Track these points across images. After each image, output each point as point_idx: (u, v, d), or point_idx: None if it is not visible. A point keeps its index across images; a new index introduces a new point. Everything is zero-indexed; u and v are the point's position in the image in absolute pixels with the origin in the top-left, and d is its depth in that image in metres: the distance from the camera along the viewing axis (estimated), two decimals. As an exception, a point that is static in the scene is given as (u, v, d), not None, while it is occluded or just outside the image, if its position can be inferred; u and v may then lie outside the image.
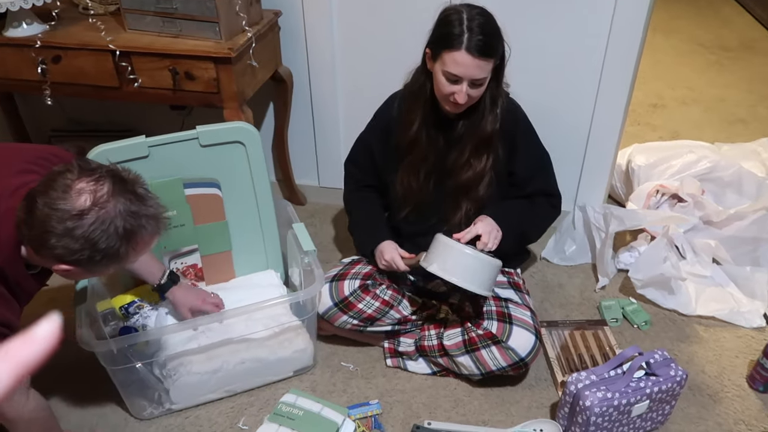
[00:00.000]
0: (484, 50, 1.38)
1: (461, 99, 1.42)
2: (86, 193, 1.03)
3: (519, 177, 1.64)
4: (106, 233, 1.04)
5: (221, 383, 1.62)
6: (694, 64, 3.56)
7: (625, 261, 2.00)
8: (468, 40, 1.37)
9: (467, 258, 1.48)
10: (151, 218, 1.11)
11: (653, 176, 2.18)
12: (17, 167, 1.16)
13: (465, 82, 1.41)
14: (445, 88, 1.43)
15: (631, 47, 1.82)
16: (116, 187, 1.06)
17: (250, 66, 1.79)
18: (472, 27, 1.38)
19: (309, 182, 2.36)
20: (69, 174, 1.05)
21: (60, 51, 1.74)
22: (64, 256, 1.05)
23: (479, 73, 1.40)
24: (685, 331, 1.82)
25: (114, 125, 2.38)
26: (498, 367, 1.55)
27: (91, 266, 1.09)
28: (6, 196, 1.10)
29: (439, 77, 1.43)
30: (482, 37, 1.37)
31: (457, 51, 1.37)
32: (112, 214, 1.04)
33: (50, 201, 1.02)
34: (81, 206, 1.02)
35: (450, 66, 1.39)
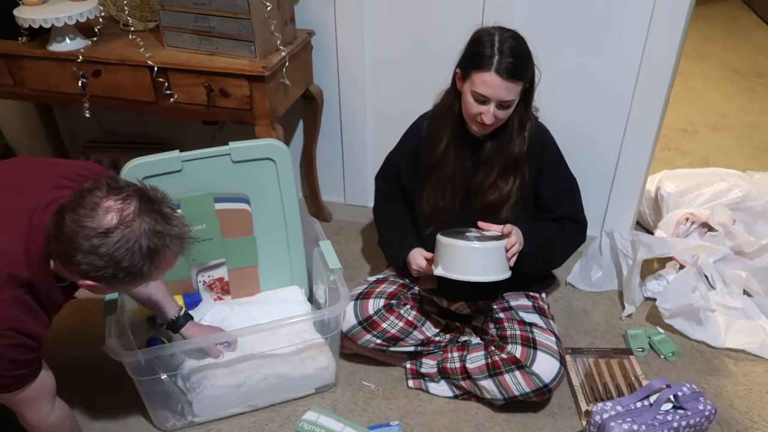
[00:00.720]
0: (514, 72, 1.39)
1: (488, 120, 1.43)
2: (113, 211, 1.05)
3: (546, 201, 1.64)
4: (130, 251, 1.05)
5: (244, 398, 1.63)
6: (726, 90, 3.52)
7: (653, 289, 1.97)
8: (498, 62, 1.38)
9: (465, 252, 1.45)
10: (176, 238, 1.12)
11: (683, 204, 2.15)
12: (53, 182, 1.19)
13: (492, 104, 1.42)
14: (473, 108, 1.44)
15: (663, 71, 1.81)
16: (143, 206, 1.07)
17: (283, 84, 1.82)
18: (503, 49, 1.39)
19: (335, 199, 2.38)
20: (98, 192, 1.06)
21: (100, 66, 1.79)
22: (88, 273, 1.07)
23: (507, 95, 1.41)
24: (713, 363, 1.78)
25: (148, 138, 2.44)
26: (521, 393, 1.54)
27: (115, 283, 1.10)
28: (39, 210, 1.13)
29: (467, 97, 1.45)
30: (512, 59, 1.39)
31: (487, 72, 1.39)
32: (137, 233, 1.06)
33: (78, 218, 1.04)
34: (107, 224, 1.04)
35: (479, 86, 1.41)
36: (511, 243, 1.47)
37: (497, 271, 1.46)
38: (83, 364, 1.77)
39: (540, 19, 1.81)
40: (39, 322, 1.16)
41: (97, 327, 1.66)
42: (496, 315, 1.69)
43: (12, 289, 1.10)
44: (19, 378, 1.18)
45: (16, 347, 1.12)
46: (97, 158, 2.39)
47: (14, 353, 1.12)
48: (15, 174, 1.22)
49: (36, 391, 1.23)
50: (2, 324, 1.09)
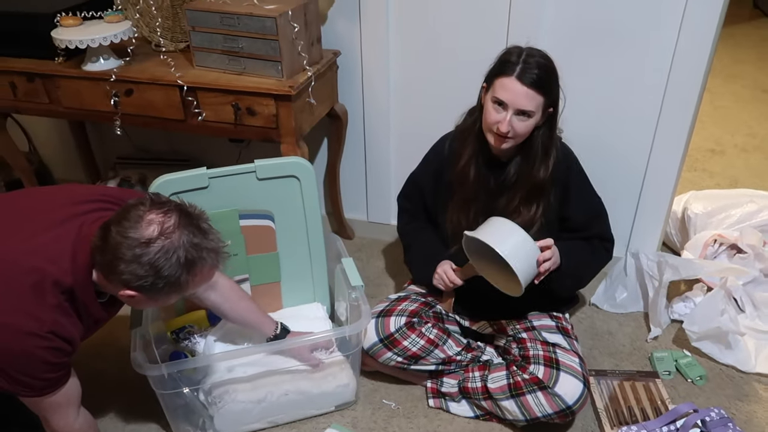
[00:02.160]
0: (535, 82, 1.39)
1: (504, 127, 1.42)
2: (155, 224, 1.13)
3: (573, 223, 1.63)
4: (169, 261, 1.12)
5: (264, 414, 1.63)
6: (756, 111, 3.47)
7: (680, 311, 1.94)
8: (521, 70, 1.39)
9: (508, 227, 1.44)
10: (212, 251, 1.19)
11: (711, 225, 2.11)
12: (99, 203, 1.28)
13: (510, 111, 1.42)
14: (492, 116, 1.45)
15: (691, 91, 1.80)
16: (182, 221, 1.15)
17: (309, 103, 1.85)
18: (528, 61, 1.41)
19: (358, 216, 2.40)
20: (141, 206, 1.15)
21: (132, 85, 1.85)
22: (130, 282, 1.14)
23: (526, 104, 1.41)
24: (743, 389, 1.73)
25: (176, 155, 2.49)
26: (544, 414, 1.52)
27: (154, 293, 1.17)
28: (87, 224, 1.21)
29: (488, 106, 1.46)
30: (536, 70, 1.40)
31: (508, 77, 1.40)
32: (176, 245, 1.13)
33: (122, 230, 1.12)
34: (149, 235, 1.12)
35: (498, 91, 1.42)
36: (545, 257, 1.45)
37: (523, 266, 1.41)
38: (108, 376, 1.80)
39: (565, 37, 1.81)
40: (75, 327, 1.23)
41: (122, 339, 1.69)
42: (519, 335, 1.67)
43: (56, 295, 1.17)
44: (52, 381, 1.23)
45: (54, 350, 1.18)
46: (125, 174, 2.45)
47: (51, 356, 1.18)
48: (65, 192, 1.32)
49: (65, 396, 1.28)
50: (44, 326, 1.15)
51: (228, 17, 1.74)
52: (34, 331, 1.14)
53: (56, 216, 1.23)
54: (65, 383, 1.27)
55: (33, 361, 1.17)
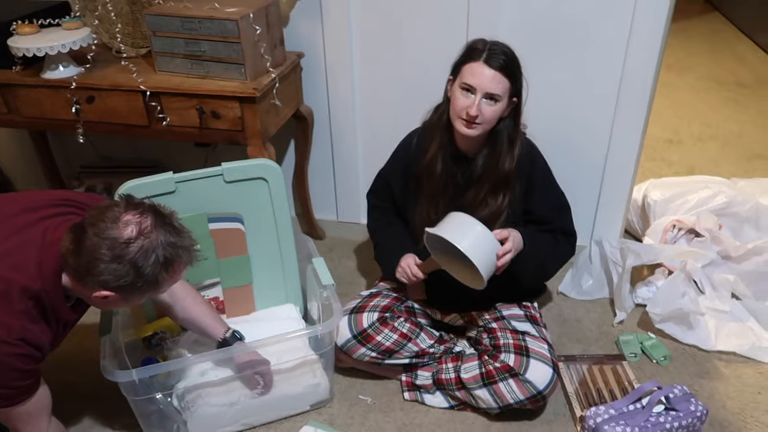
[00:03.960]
0: (502, 66, 1.44)
1: (473, 111, 1.44)
2: (132, 224, 1.15)
3: (536, 216, 1.66)
4: (149, 261, 1.15)
5: (238, 416, 1.63)
6: (710, 101, 3.59)
7: (643, 295, 2.00)
8: (488, 55, 1.44)
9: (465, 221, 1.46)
10: (186, 249, 1.22)
11: (669, 211, 2.19)
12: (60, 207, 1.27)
13: (479, 94, 1.45)
14: (460, 102, 1.47)
15: (644, 83, 1.86)
16: (158, 221, 1.17)
17: (274, 105, 1.86)
18: (494, 48, 1.45)
19: (328, 217, 2.41)
20: (116, 208, 1.16)
21: (94, 92, 1.83)
22: (109, 282, 1.15)
23: (494, 87, 1.44)
24: (705, 366, 1.80)
25: (141, 161, 2.47)
26: (516, 401, 1.55)
27: (131, 292, 1.18)
28: (51, 228, 1.21)
29: (456, 94, 1.48)
30: (503, 56, 1.44)
31: (476, 62, 1.44)
32: (155, 244, 1.15)
33: (99, 231, 1.13)
34: (128, 235, 1.13)
35: (466, 77, 1.45)
36: (504, 250, 1.48)
37: (483, 260, 1.43)
38: (79, 388, 1.78)
39: (523, 34, 1.86)
40: (44, 333, 1.22)
41: (92, 351, 1.67)
42: (489, 325, 1.71)
43: (23, 302, 1.17)
44: (23, 389, 1.23)
45: (24, 357, 1.18)
46: (90, 183, 2.42)
47: (21, 362, 1.18)
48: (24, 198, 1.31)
49: (36, 405, 1.27)
50: (12, 333, 1.15)
51: (189, 21, 1.74)
52: (3, 339, 1.14)
53: (17, 223, 1.22)
54: (36, 391, 1.26)
55: (3, 369, 1.16)
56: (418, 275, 1.63)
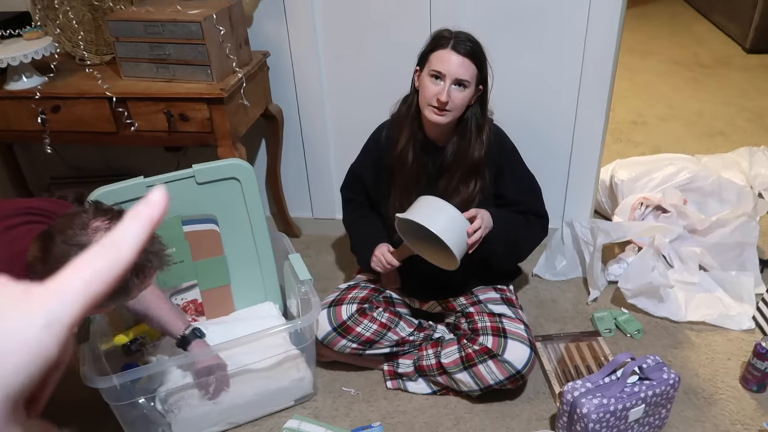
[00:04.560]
0: (469, 52, 1.46)
1: (443, 97, 1.46)
2: (102, 230, 1.14)
3: (508, 200, 1.69)
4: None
5: (223, 416, 1.64)
6: (672, 82, 3.68)
7: (615, 273, 2.05)
8: (455, 42, 1.47)
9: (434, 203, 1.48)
10: (156, 254, 1.22)
11: (636, 189, 2.25)
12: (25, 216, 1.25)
13: (448, 81, 1.47)
14: (429, 89, 1.48)
15: (605, 65, 1.91)
16: None
17: (242, 105, 1.87)
18: (460, 36, 1.48)
19: (303, 214, 2.42)
20: (84, 214, 1.15)
21: (59, 101, 1.82)
22: None
23: (463, 72, 1.46)
24: (677, 337, 1.86)
25: (112, 170, 2.45)
26: (496, 381, 1.59)
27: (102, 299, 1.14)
28: (17, 239, 1.19)
29: (425, 82, 1.50)
30: (469, 43, 1.47)
31: (443, 49, 1.47)
32: None
33: (68, 238, 1.12)
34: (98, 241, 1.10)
35: (435, 64, 1.47)
36: (474, 227, 1.49)
37: (455, 240, 1.45)
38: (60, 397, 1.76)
39: (485, 22, 1.90)
40: None
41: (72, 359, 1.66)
42: (467, 310, 1.74)
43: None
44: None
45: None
46: (61, 194, 2.39)
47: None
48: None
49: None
50: None
51: (152, 25, 1.74)
52: None
53: None
54: None
55: None
56: (392, 263, 1.65)
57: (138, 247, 0.33)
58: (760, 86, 3.56)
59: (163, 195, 0.34)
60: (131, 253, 0.33)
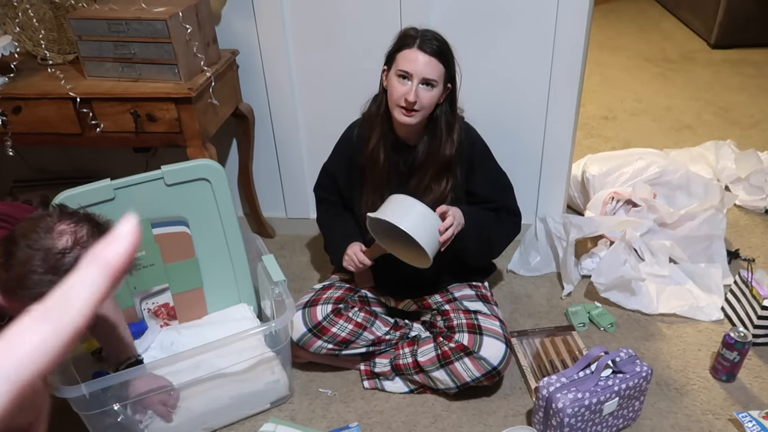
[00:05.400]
0: (436, 51, 1.45)
1: (411, 97, 1.45)
2: (67, 234, 1.11)
3: (480, 197, 1.69)
4: None
5: (198, 421, 1.61)
6: (640, 77, 3.74)
7: (588, 267, 2.07)
8: (421, 41, 1.45)
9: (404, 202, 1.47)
10: None
11: (607, 184, 2.27)
12: None
13: (415, 80, 1.45)
14: (397, 90, 1.47)
15: (574, 63, 1.92)
16: (94, 230, 1.14)
17: (211, 104, 1.83)
18: (427, 34, 1.47)
19: (277, 214, 2.40)
20: (49, 218, 1.12)
21: (20, 101, 1.76)
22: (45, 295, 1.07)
23: (430, 71, 1.45)
24: (649, 329, 1.89)
25: (78, 172, 2.39)
26: (472, 378, 1.59)
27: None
28: None
29: (393, 82, 1.48)
30: (435, 42, 1.46)
31: (410, 49, 1.45)
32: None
33: (32, 242, 1.08)
34: (63, 245, 1.09)
35: (402, 63, 1.46)
36: (446, 225, 1.47)
37: (426, 238, 1.44)
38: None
39: (454, 20, 1.89)
40: None
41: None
42: (442, 307, 1.74)
43: None
44: None
45: None
46: (25, 198, 2.33)
47: None
48: None
49: None
50: None
51: (116, 23, 1.70)
52: None
53: None
54: None
55: None
56: (364, 262, 1.64)
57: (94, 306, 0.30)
58: (724, 81, 3.63)
59: (130, 230, 0.31)
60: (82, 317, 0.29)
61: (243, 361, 1.60)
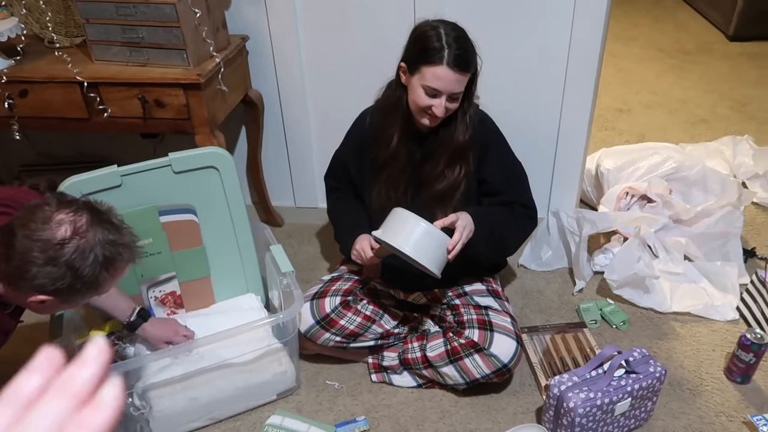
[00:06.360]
0: (464, 65, 1.40)
1: (439, 112, 1.43)
2: (66, 223, 1.08)
3: (492, 186, 1.65)
4: (86, 261, 1.08)
5: (202, 411, 1.60)
6: (655, 69, 3.67)
7: (600, 263, 2.04)
8: (449, 55, 1.39)
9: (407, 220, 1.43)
10: (127, 247, 1.16)
11: (622, 179, 2.23)
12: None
13: (444, 96, 1.43)
14: (423, 101, 1.44)
15: (591, 54, 1.87)
16: (94, 218, 1.11)
17: (220, 91, 1.80)
18: (450, 42, 1.40)
19: (285, 203, 2.37)
20: (47, 207, 1.09)
21: (27, 85, 1.74)
22: (45, 286, 1.08)
23: (458, 87, 1.42)
24: (662, 328, 1.85)
25: (85, 157, 2.37)
26: (482, 375, 1.56)
27: (70, 295, 1.11)
28: None
29: (417, 91, 1.44)
30: (461, 51, 1.40)
31: (438, 66, 1.39)
32: (92, 243, 1.09)
33: (30, 233, 1.06)
34: (62, 236, 1.07)
35: (430, 80, 1.41)
36: (453, 243, 1.44)
37: (432, 258, 1.42)
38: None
39: (470, 9, 1.85)
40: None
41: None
42: (452, 302, 1.71)
43: None
44: None
45: None
46: (32, 183, 2.31)
47: None
48: None
49: None
50: None
51: (124, 6, 1.66)
52: None
53: None
54: None
55: None
56: (373, 260, 1.61)
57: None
58: (742, 74, 3.56)
59: (99, 352, 0.30)
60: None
61: (250, 352, 1.59)
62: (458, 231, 1.45)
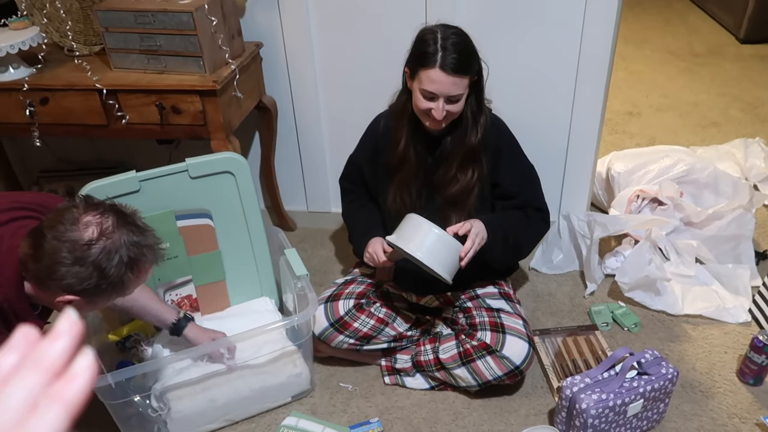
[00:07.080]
0: (458, 68, 1.42)
1: (438, 115, 1.45)
2: (93, 225, 1.11)
3: (505, 189, 1.67)
4: (112, 262, 1.12)
5: (219, 413, 1.63)
6: (666, 72, 3.67)
7: (612, 266, 2.05)
8: (442, 58, 1.41)
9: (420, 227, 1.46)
10: (151, 248, 1.19)
11: (632, 182, 2.24)
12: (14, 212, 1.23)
13: (441, 99, 1.45)
14: (423, 104, 1.47)
15: (602, 58, 1.89)
16: (120, 220, 1.14)
17: (235, 97, 1.83)
18: (446, 46, 1.42)
19: (298, 208, 2.40)
20: (75, 209, 1.13)
21: (47, 93, 1.78)
22: (72, 286, 1.11)
23: (454, 90, 1.44)
24: (674, 330, 1.86)
25: (102, 163, 2.41)
26: (494, 377, 1.58)
27: (96, 295, 1.15)
28: (7, 236, 1.16)
29: (417, 95, 1.48)
30: (456, 55, 1.42)
31: (432, 69, 1.42)
32: (118, 244, 1.12)
33: (59, 234, 1.09)
34: (89, 237, 1.10)
35: (425, 84, 1.44)
36: (465, 250, 1.47)
37: (445, 264, 1.44)
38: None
39: (481, 14, 1.87)
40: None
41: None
42: (465, 304, 1.73)
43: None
44: None
45: None
46: (51, 188, 2.36)
47: None
48: None
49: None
50: None
51: (142, 15, 1.70)
52: None
53: None
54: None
55: None
56: (385, 264, 1.64)
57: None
58: (753, 77, 3.55)
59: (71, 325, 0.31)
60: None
61: (265, 354, 1.61)
62: (470, 239, 1.48)
